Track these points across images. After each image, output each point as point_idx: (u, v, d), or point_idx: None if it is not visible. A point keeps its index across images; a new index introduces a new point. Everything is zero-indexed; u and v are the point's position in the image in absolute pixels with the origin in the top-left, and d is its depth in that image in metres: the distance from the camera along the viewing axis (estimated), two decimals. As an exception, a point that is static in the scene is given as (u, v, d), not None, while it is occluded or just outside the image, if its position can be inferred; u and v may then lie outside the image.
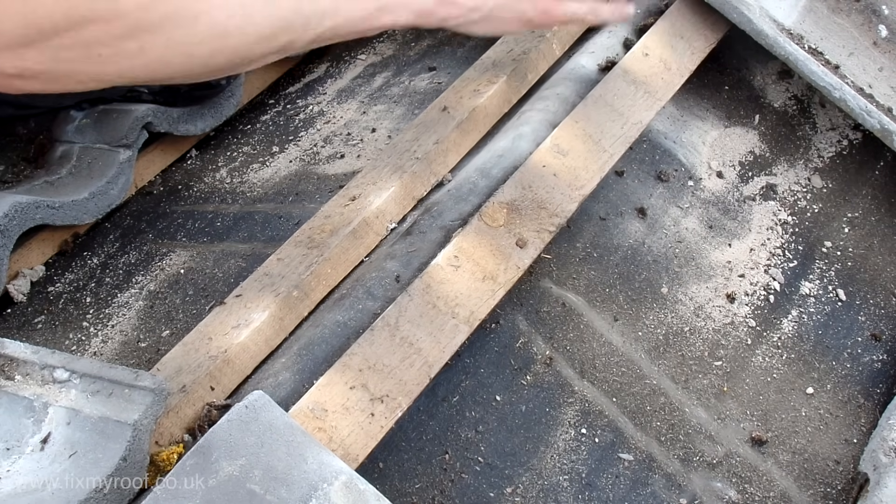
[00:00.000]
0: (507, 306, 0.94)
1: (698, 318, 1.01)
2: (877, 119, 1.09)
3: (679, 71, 1.12)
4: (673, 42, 1.13)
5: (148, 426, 0.69)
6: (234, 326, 0.85)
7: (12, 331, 1.13)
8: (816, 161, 1.20)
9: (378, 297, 0.87)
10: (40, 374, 0.74)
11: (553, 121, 1.03)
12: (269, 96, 1.48)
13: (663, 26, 1.14)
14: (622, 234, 1.05)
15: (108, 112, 1.30)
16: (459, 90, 1.10)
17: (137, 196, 1.33)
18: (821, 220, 1.14)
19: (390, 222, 0.97)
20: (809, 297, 1.06)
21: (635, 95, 1.06)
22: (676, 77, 1.11)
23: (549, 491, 0.85)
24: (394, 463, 0.84)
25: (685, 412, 0.93)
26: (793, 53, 1.10)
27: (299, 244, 0.94)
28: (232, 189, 1.26)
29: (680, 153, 1.15)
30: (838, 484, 0.92)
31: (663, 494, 0.87)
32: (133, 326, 1.07)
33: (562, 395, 0.91)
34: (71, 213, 1.19)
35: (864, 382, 1.01)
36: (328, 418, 0.74)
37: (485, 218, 0.91)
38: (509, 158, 0.99)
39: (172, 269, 1.14)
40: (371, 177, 1.01)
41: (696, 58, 1.14)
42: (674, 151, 1.15)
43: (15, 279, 1.18)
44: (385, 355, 0.79)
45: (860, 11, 1.19)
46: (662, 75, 1.10)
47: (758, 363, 0.99)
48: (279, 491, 0.64)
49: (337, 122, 1.31)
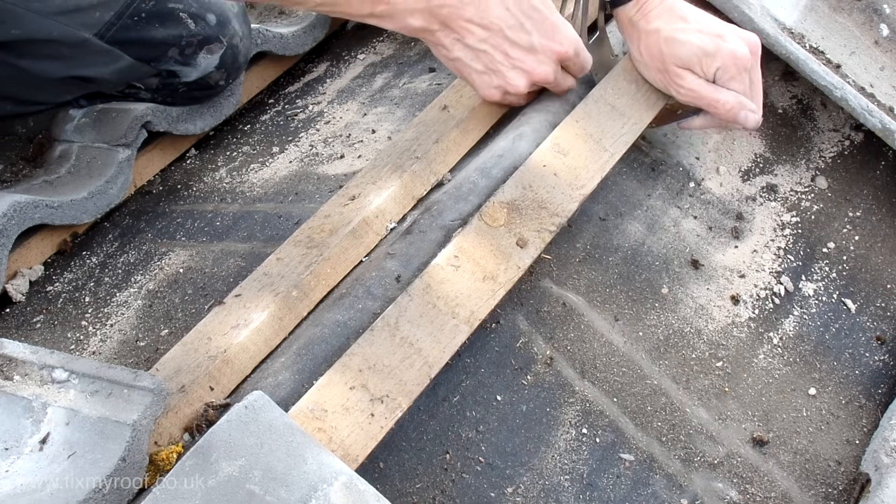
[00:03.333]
0: (507, 306, 0.94)
1: (699, 318, 1.01)
2: (878, 118, 1.09)
3: (680, 70, 1.11)
4: (674, 41, 1.13)
5: (147, 426, 0.68)
6: (234, 326, 0.85)
7: (11, 330, 1.13)
8: (818, 161, 1.20)
9: (378, 297, 0.87)
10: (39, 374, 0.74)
11: (553, 121, 1.03)
12: (269, 96, 1.48)
13: (664, 26, 1.14)
14: (622, 234, 1.05)
15: (107, 111, 1.30)
16: (459, 89, 1.09)
17: (136, 195, 1.33)
18: (822, 220, 1.14)
19: (390, 222, 0.96)
20: (811, 298, 1.06)
21: (636, 94, 1.06)
22: (677, 76, 1.11)
23: (550, 491, 0.85)
24: (394, 463, 0.84)
25: (686, 412, 0.93)
26: (794, 53, 1.10)
27: (299, 244, 0.94)
28: (231, 189, 1.25)
29: (680, 153, 1.15)
30: (840, 484, 0.91)
31: (664, 495, 0.87)
32: (132, 326, 1.07)
33: (562, 395, 0.91)
34: (70, 213, 1.18)
35: (865, 383, 1.01)
36: (328, 419, 0.74)
37: (485, 218, 0.91)
38: (509, 158, 0.99)
39: (171, 268, 1.13)
40: (371, 176, 1.00)
41: (697, 57, 1.13)
42: (674, 152, 1.15)
43: (14, 279, 1.18)
44: (385, 355, 0.79)
45: (861, 10, 1.19)
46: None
47: (759, 363, 0.99)
48: (279, 491, 0.64)
49: (337, 123, 1.30)
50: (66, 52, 1.21)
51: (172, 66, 1.26)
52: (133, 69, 1.25)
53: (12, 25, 1.16)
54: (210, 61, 1.28)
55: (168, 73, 1.27)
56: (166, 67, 1.26)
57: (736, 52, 0.99)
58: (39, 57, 1.22)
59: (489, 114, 1.08)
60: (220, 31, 1.27)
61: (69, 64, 1.23)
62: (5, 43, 1.19)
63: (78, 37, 1.20)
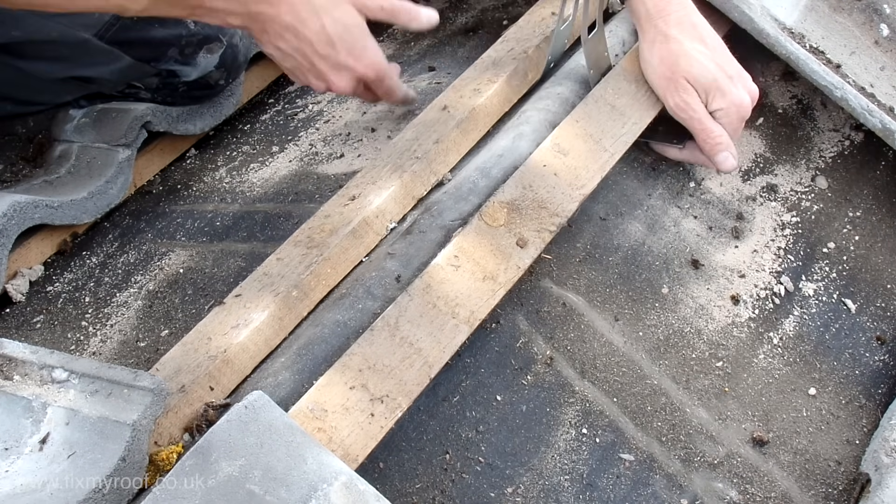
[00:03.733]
0: (507, 306, 0.94)
1: (699, 318, 1.01)
2: (878, 118, 1.09)
3: (680, 70, 1.11)
4: (674, 41, 1.12)
5: (147, 426, 0.68)
6: (234, 326, 0.85)
7: (11, 330, 1.13)
8: (818, 161, 1.20)
9: (378, 297, 0.87)
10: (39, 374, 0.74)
11: (553, 120, 1.03)
12: (269, 95, 1.48)
13: (664, 25, 1.14)
14: (622, 234, 1.05)
15: (107, 111, 1.30)
16: (459, 89, 1.09)
17: (136, 195, 1.33)
18: (822, 220, 1.14)
19: (390, 222, 0.96)
20: (811, 298, 1.06)
21: (636, 94, 1.06)
22: (677, 76, 1.11)
23: (550, 491, 0.85)
24: (394, 463, 0.83)
25: (686, 412, 0.93)
26: (794, 53, 1.10)
27: (299, 244, 0.94)
28: (231, 189, 1.25)
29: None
30: (840, 484, 0.91)
31: (664, 495, 0.87)
32: (132, 326, 1.07)
33: (562, 395, 0.91)
34: (70, 213, 1.18)
35: (865, 383, 1.01)
36: (328, 418, 0.74)
37: (485, 217, 0.91)
38: (509, 158, 0.99)
39: (171, 268, 1.13)
40: (371, 176, 1.00)
41: (698, 57, 1.13)
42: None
43: (14, 279, 1.18)
44: (385, 355, 0.79)
45: (861, 10, 1.19)
46: (663, 74, 1.09)
47: (759, 363, 0.99)
48: (279, 491, 0.64)
49: (337, 122, 1.30)
50: (66, 53, 1.21)
51: (172, 66, 1.26)
52: (133, 69, 1.25)
53: (13, 27, 1.16)
54: (210, 61, 1.28)
55: (168, 72, 1.27)
56: (166, 67, 1.26)
57: (744, 101, 1.02)
58: (39, 58, 1.22)
59: (489, 114, 1.08)
60: (219, 30, 1.27)
61: (69, 64, 1.23)
62: (5, 44, 1.19)
63: (78, 37, 1.20)
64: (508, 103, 1.11)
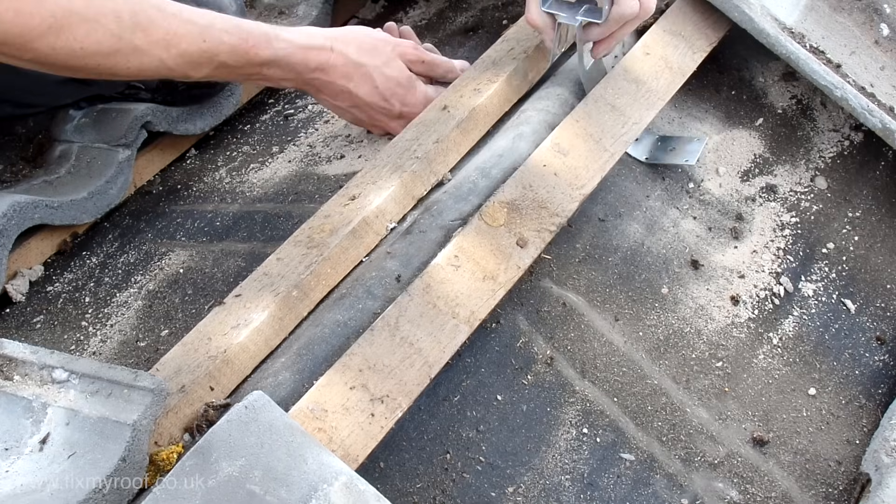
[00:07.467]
0: (507, 306, 0.94)
1: (699, 318, 1.01)
2: (878, 118, 1.09)
3: (681, 69, 1.11)
4: (674, 41, 1.13)
5: (147, 426, 0.68)
6: (234, 326, 0.85)
7: (11, 331, 1.13)
8: (818, 161, 1.20)
9: (378, 297, 0.87)
10: (39, 375, 0.74)
11: (553, 121, 1.03)
12: (269, 96, 1.48)
13: (664, 25, 1.14)
14: (622, 234, 1.05)
15: (106, 111, 1.29)
16: (459, 89, 1.09)
17: (136, 195, 1.32)
18: (822, 220, 1.14)
19: (390, 222, 0.96)
20: (811, 298, 1.06)
21: (636, 94, 1.06)
22: (678, 76, 1.11)
23: (551, 491, 0.85)
24: (395, 463, 0.83)
25: (686, 412, 0.93)
26: (794, 52, 1.10)
27: (299, 244, 0.94)
28: (231, 189, 1.25)
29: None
30: (840, 484, 0.91)
31: (665, 494, 0.87)
32: (132, 326, 1.07)
33: (563, 394, 0.91)
34: (70, 213, 1.18)
35: (865, 383, 1.01)
36: (328, 418, 0.74)
37: (485, 217, 0.91)
38: (509, 158, 0.99)
39: (171, 268, 1.13)
40: (371, 176, 1.00)
41: (698, 57, 1.14)
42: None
43: (13, 279, 1.18)
44: (385, 355, 0.79)
45: (861, 10, 1.19)
46: (664, 74, 1.10)
47: (759, 364, 0.99)
48: (279, 491, 0.64)
49: (337, 123, 1.30)
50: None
51: None
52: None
53: None
54: (210, 61, 1.28)
55: (168, 72, 1.27)
56: (166, 67, 1.26)
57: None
58: None
59: (489, 114, 1.08)
60: None
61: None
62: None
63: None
64: (508, 103, 1.11)
